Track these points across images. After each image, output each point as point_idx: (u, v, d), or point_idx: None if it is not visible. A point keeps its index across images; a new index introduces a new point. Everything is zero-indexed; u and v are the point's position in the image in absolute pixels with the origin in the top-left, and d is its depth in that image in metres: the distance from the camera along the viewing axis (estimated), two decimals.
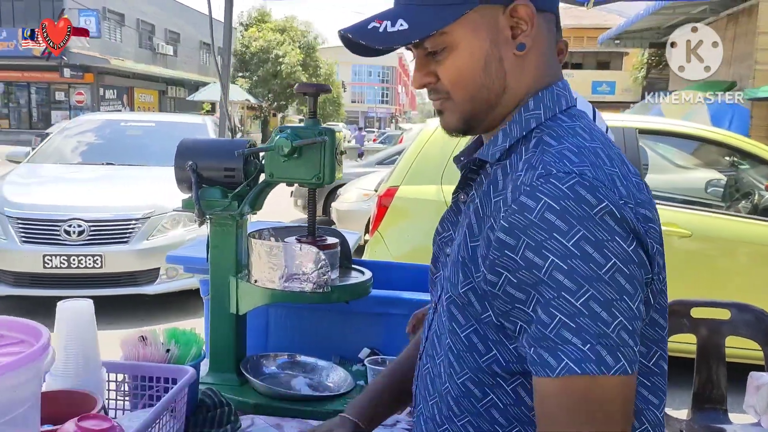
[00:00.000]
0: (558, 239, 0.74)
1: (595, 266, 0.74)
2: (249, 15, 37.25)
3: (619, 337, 0.74)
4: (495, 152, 0.87)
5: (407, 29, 0.83)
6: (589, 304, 0.74)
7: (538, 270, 0.75)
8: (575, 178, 0.76)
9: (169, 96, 33.97)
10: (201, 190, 1.55)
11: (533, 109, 0.86)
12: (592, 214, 0.74)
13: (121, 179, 5.37)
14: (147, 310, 4.82)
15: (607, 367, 0.73)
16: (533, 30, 0.85)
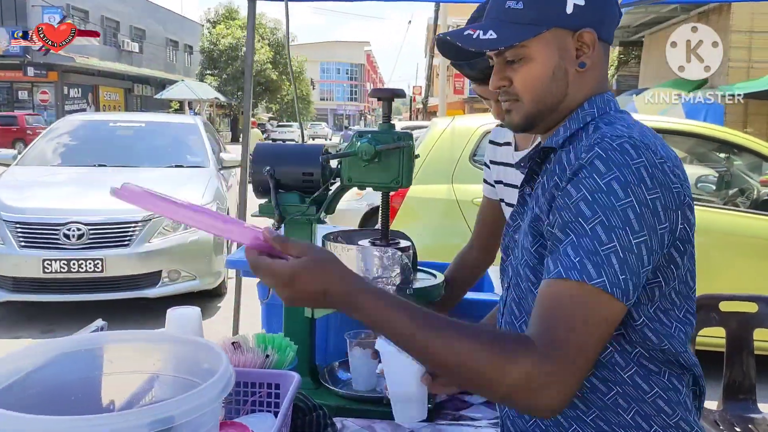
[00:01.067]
0: (594, 178, 0.93)
1: (614, 198, 0.90)
2: (216, 12, 36.83)
3: (607, 258, 0.89)
4: (558, 140, 1.06)
5: (495, 38, 1.03)
6: (595, 228, 0.90)
7: (569, 199, 0.94)
8: (625, 138, 0.95)
9: (135, 94, 33.41)
10: (279, 195, 1.54)
11: (588, 108, 1.07)
12: (630, 163, 0.92)
13: (116, 181, 5.22)
14: (149, 315, 4.76)
15: (588, 277, 0.89)
16: (593, 53, 1.05)
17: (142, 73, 32.46)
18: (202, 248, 4.87)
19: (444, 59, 17.58)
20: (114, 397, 0.96)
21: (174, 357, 0.97)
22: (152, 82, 33.47)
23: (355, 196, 6.85)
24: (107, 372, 0.95)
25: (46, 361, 0.89)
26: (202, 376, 0.91)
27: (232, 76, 33.84)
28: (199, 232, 4.88)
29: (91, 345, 0.94)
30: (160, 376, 0.98)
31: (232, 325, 3.50)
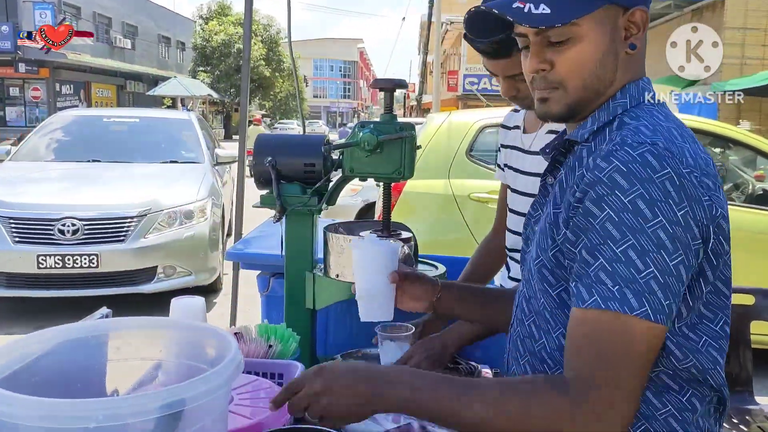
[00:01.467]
0: (618, 195, 0.85)
1: (642, 219, 0.84)
2: (209, 8, 36.68)
3: (647, 284, 0.83)
4: (584, 133, 0.98)
5: (550, 14, 0.91)
6: (627, 252, 0.84)
7: (594, 219, 0.87)
8: (647, 147, 0.87)
9: (127, 91, 33.21)
10: (281, 186, 1.54)
11: (620, 98, 0.97)
12: (654, 177, 0.85)
13: (111, 177, 5.26)
14: (144, 311, 4.74)
15: (630, 308, 0.83)
16: (642, 34, 0.96)
17: (134, 69, 32.26)
18: (198, 244, 4.85)
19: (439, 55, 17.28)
20: (119, 383, 0.96)
21: (179, 343, 0.97)
22: (145, 79, 33.29)
23: (350, 192, 6.85)
24: (112, 359, 0.95)
25: (51, 348, 0.89)
26: (208, 362, 0.91)
27: (224, 73, 33.71)
28: (195, 227, 4.87)
29: (96, 332, 0.93)
30: (164, 362, 0.98)
31: (229, 320, 3.50)
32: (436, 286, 1.29)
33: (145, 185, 5.00)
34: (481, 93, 18.89)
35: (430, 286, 1.29)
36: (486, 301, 1.33)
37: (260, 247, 1.99)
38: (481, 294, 1.38)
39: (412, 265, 1.50)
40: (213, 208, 5.14)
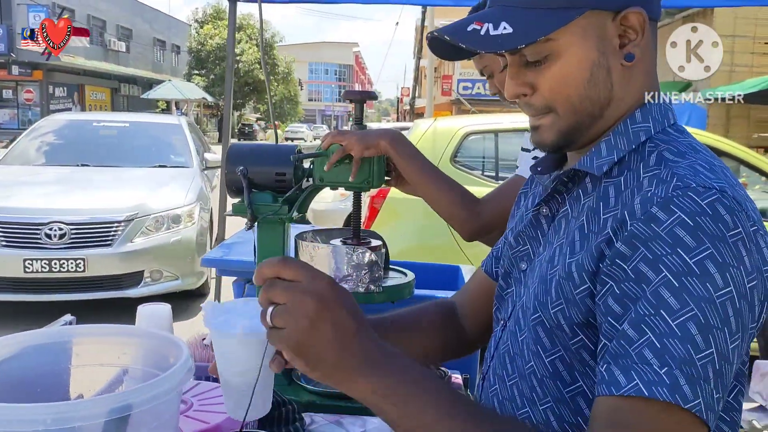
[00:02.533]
0: (681, 255, 0.68)
1: (711, 287, 0.67)
2: (204, 12, 36.73)
3: (704, 370, 0.66)
4: (602, 164, 0.81)
5: (512, 33, 0.76)
6: (686, 325, 0.66)
7: (647, 284, 0.69)
8: (716, 194, 0.70)
9: (121, 94, 33.20)
10: (252, 195, 1.57)
11: (641, 121, 0.81)
12: (727, 236, 0.68)
13: (99, 181, 5.28)
14: (131, 315, 4.76)
15: (683, 398, 0.65)
16: (643, 39, 0.80)
17: (128, 72, 32.27)
18: (185, 248, 4.88)
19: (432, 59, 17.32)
20: (83, 389, 0.99)
21: (142, 351, 0.99)
22: (139, 82, 33.29)
23: (339, 197, 6.89)
24: (76, 365, 0.97)
25: (13, 353, 0.91)
26: (167, 370, 0.94)
27: (220, 77, 33.74)
28: (183, 232, 4.89)
29: (59, 338, 0.95)
30: (130, 369, 1.01)
31: None
32: None
33: (133, 190, 5.03)
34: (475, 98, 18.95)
35: None
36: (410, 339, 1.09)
37: (238, 253, 2.03)
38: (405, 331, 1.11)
39: (380, 272, 1.54)
40: (201, 212, 5.16)
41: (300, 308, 0.66)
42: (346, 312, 0.67)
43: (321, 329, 0.66)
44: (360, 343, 0.68)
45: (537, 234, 0.91)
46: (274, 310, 0.67)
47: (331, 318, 0.66)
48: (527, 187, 1.09)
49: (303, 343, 0.66)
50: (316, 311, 0.65)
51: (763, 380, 2.04)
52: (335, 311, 0.66)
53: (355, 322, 0.68)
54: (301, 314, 0.65)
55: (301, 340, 0.66)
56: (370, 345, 0.69)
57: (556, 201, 0.89)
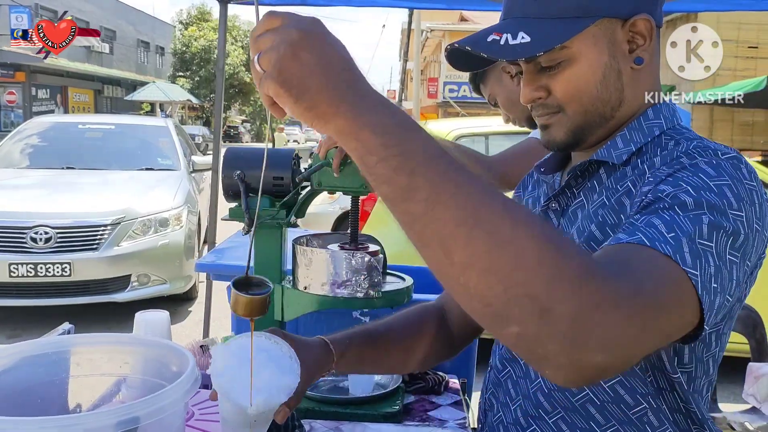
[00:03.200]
0: (701, 177, 0.72)
1: (727, 204, 0.70)
2: (189, 13, 36.52)
3: (704, 253, 0.66)
4: (621, 154, 0.87)
5: (530, 42, 0.81)
6: (699, 217, 0.68)
7: (662, 192, 0.72)
8: (734, 154, 0.77)
9: (105, 95, 32.92)
10: (249, 199, 1.55)
11: (653, 118, 0.88)
12: (744, 181, 0.73)
13: (85, 184, 5.22)
14: (118, 319, 4.71)
15: (682, 260, 0.65)
16: (651, 44, 0.86)
17: (112, 74, 32.02)
18: (173, 252, 4.83)
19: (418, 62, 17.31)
20: (81, 399, 0.97)
21: (142, 360, 0.98)
22: (123, 84, 33.03)
23: (328, 199, 6.86)
24: (74, 375, 0.96)
25: (12, 364, 0.89)
26: (170, 379, 0.92)
27: (205, 79, 33.60)
28: (170, 235, 4.85)
29: (58, 348, 0.94)
30: (127, 378, 0.99)
31: (203, 329, 3.49)
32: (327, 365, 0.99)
33: (120, 193, 4.98)
34: (461, 101, 19.01)
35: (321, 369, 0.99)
36: (387, 350, 1.10)
37: (231, 258, 2.01)
38: (383, 343, 1.11)
39: (379, 277, 1.52)
40: (189, 215, 5.12)
41: (283, 38, 0.62)
42: (333, 47, 0.63)
43: (304, 57, 0.61)
44: (349, 80, 0.62)
45: None
46: (261, 54, 0.63)
47: (316, 47, 0.62)
48: (519, 191, 1.13)
49: (285, 70, 0.61)
50: (298, 39, 0.61)
51: (756, 382, 2.05)
52: (320, 42, 0.62)
53: (343, 59, 0.63)
54: (283, 44, 0.61)
55: (282, 66, 0.61)
56: (361, 84, 0.62)
57: (566, 196, 0.94)
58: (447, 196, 0.57)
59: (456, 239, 0.56)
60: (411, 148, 0.59)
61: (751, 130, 11.88)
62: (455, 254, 0.57)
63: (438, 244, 0.57)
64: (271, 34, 0.63)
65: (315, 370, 0.95)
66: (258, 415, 0.81)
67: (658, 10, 0.87)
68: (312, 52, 0.61)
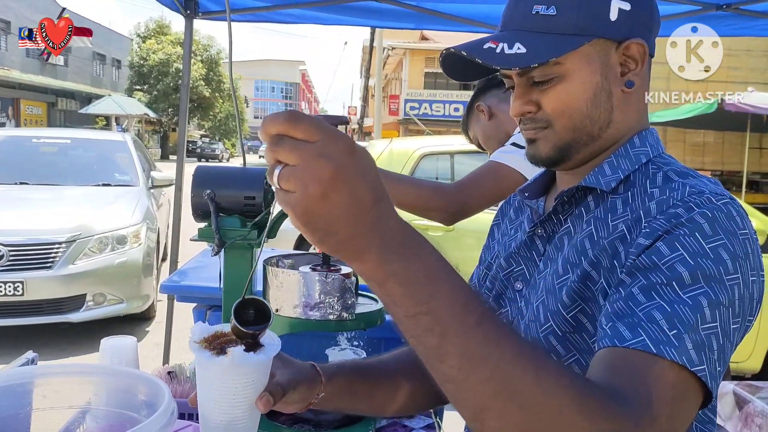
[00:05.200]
0: (698, 239, 0.72)
1: (723, 270, 0.71)
2: (147, 26, 36.02)
3: (708, 339, 0.68)
4: (609, 181, 0.86)
5: (525, 53, 0.82)
6: (697, 298, 0.69)
7: (660, 258, 0.72)
8: (728, 199, 0.77)
9: (59, 108, 32.12)
10: (219, 219, 1.51)
11: (640, 146, 0.88)
12: (738, 233, 0.74)
13: (39, 200, 5.05)
14: (73, 339, 4.55)
15: (689, 361, 0.66)
16: (642, 70, 0.87)
17: (66, 86, 31.28)
18: (131, 270, 4.70)
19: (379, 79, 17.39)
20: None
21: (108, 389, 0.93)
22: (77, 97, 32.28)
23: None
24: (38, 407, 0.90)
25: None
26: (137, 409, 0.88)
27: (162, 92, 33.10)
28: (128, 253, 4.72)
29: (21, 380, 0.89)
30: (93, 409, 0.94)
31: (163, 352, 3.38)
32: (315, 385, 0.93)
33: (76, 209, 4.83)
34: (422, 118, 19.17)
35: (310, 388, 0.92)
36: (376, 384, 1.03)
37: (197, 279, 1.95)
38: (373, 375, 1.04)
39: (352, 299, 1.49)
40: (148, 232, 5.00)
41: (312, 173, 0.55)
42: (365, 183, 0.57)
43: (334, 199, 0.55)
44: (377, 220, 0.58)
45: (532, 254, 0.94)
46: (282, 170, 0.56)
47: (347, 188, 0.55)
48: (498, 219, 1.11)
49: (312, 212, 0.56)
50: (330, 179, 0.55)
51: (720, 401, 2.09)
52: (352, 181, 0.56)
53: (374, 195, 0.57)
54: (312, 179, 0.54)
55: (310, 208, 0.55)
56: (389, 223, 0.58)
57: (552, 222, 0.92)
58: (481, 367, 0.58)
59: (490, 410, 0.59)
60: (440, 306, 0.58)
61: (702, 151, 12.28)
62: (489, 421, 0.60)
63: (472, 409, 0.60)
64: (296, 150, 0.56)
65: (302, 380, 0.91)
66: (235, 379, 0.79)
67: (652, 39, 0.88)
68: (343, 193, 0.55)
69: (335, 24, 3.66)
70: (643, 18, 0.86)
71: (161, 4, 3.11)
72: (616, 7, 0.84)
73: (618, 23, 0.84)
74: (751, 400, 1.90)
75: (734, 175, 11.79)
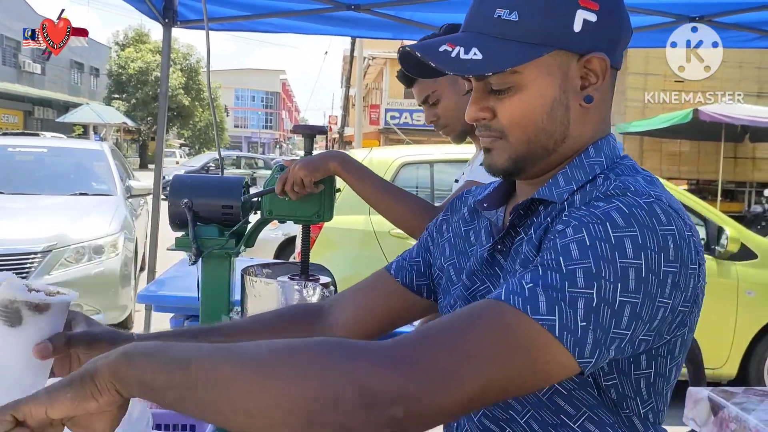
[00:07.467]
0: (606, 228, 0.71)
1: (619, 254, 0.70)
2: (125, 35, 35.79)
3: (572, 299, 0.68)
4: (562, 193, 0.84)
5: (481, 60, 0.79)
6: (573, 269, 0.69)
7: (561, 238, 0.73)
8: (652, 198, 0.75)
9: (35, 117, 31.70)
10: (197, 228, 1.51)
11: (594, 156, 0.86)
12: (657, 229, 0.72)
13: (14, 209, 4.97)
14: None
15: (533, 309, 0.67)
16: (603, 84, 0.84)
17: (43, 95, 30.91)
18: (108, 280, 4.64)
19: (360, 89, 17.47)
20: None
21: None
22: (55, 105, 31.91)
23: (271, 225, 6.77)
24: None
25: None
26: None
27: (141, 101, 32.86)
28: (105, 263, 4.67)
29: None
30: None
31: None
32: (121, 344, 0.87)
33: (52, 219, 4.76)
34: (402, 127, 19.23)
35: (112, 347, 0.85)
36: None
37: (174, 288, 1.94)
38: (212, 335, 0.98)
39: None
40: (125, 242, 4.94)
41: None
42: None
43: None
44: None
45: (495, 270, 0.91)
46: None
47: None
48: (448, 214, 1.07)
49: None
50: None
51: (696, 406, 2.11)
52: None
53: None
54: None
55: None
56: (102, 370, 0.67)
57: (511, 236, 0.90)
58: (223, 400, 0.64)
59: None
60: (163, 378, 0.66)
61: (678, 160, 12.46)
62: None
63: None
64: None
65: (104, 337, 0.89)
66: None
67: (617, 53, 0.85)
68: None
69: (314, 33, 3.67)
70: (609, 31, 0.83)
71: (140, 12, 3.09)
72: (581, 18, 0.80)
73: (581, 35, 0.81)
74: (725, 406, 1.92)
75: (710, 184, 11.97)
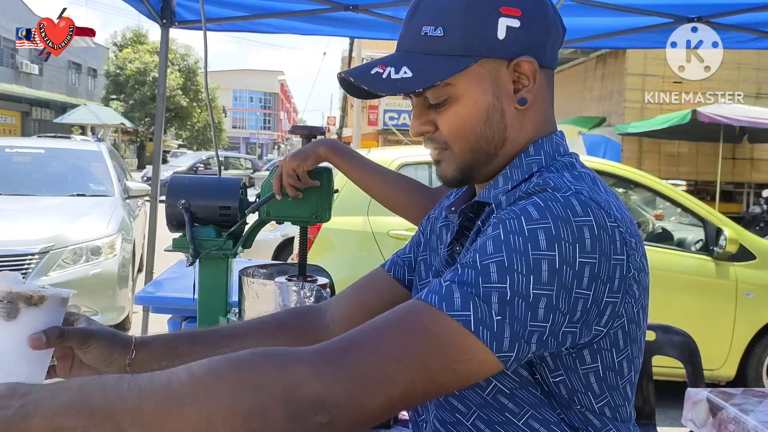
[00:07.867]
0: (521, 221, 0.74)
1: (531, 246, 0.72)
2: (123, 35, 35.75)
3: (486, 294, 0.71)
4: (498, 194, 0.87)
5: (411, 77, 0.82)
6: (487, 263, 0.73)
7: (482, 236, 0.77)
8: (571, 192, 0.77)
9: (33, 118, 31.67)
10: (194, 229, 1.50)
11: (534, 154, 0.88)
12: (572, 220, 0.74)
13: (12, 211, 4.95)
14: None
15: (448, 306, 0.71)
16: (535, 85, 0.86)
17: (41, 95, 30.87)
18: (106, 281, 4.63)
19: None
20: None
21: None
22: (52, 106, 31.87)
23: (269, 227, 6.76)
24: None
25: None
26: None
27: (139, 102, 32.81)
28: (103, 264, 4.66)
29: None
30: None
31: None
32: (126, 345, 0.94)
33: (50, 220, 4.75)
34: (401, 128, 19.23)
35: (116, 347, 0.93)
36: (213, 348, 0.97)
37: (172, 289, 1.94)
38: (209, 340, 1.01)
39: None
40: (123, 243, 4.93)
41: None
42: None
43: None
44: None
45: None
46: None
47: None
48: (435, 210, 1.11)
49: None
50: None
51: (694, 408, 2.11)
52: None
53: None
54: None
55: None
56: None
57: (464, 237, 0.93)
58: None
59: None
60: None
61: (676, 161, 12.46)
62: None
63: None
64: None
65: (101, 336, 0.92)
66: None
67: (547, 53, 0.88)
68: None
69: (313, 34, 3.67)
70: (534, 34, 0.85)
71: (138, 12, 3.09)
72: (504, 25, 0.83)
73: (506, 42, 0.84)
74: (724, 407, 1.92)
75: (708, 185, 11.98)
